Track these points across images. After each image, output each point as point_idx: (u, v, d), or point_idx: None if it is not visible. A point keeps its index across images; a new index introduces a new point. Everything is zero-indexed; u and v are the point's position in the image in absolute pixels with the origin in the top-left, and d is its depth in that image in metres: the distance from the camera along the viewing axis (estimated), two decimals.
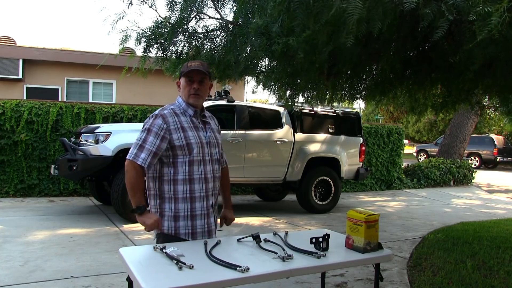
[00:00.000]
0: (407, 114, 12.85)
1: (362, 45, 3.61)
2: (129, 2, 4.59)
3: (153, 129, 2.18)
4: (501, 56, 3.38)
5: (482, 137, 21.33)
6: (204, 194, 2.26)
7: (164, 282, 1.59)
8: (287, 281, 3.52)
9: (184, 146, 2.20)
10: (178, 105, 2.31)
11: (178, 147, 2.19)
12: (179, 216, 2.22)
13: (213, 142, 2.34)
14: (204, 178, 2.26)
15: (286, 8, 3.06)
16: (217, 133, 2.44)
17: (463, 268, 4.16)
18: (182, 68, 2.32)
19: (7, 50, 11.94)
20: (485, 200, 10.23)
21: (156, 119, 2.20)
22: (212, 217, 2.33)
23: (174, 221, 2.22)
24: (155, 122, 2.19)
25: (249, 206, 8.15)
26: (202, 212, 2.25)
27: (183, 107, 2.29)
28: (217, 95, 7.13)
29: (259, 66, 5.13)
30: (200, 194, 2.25)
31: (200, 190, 2.25)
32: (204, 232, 2.26)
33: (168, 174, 2.22)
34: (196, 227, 2.24)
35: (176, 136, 2.19)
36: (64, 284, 3.51)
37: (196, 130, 2.27)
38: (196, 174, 2.23)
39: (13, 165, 7.71)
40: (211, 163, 2.31)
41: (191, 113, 2.29)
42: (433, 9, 2.59)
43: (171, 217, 2.22)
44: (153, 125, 2.19)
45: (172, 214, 2.22)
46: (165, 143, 2.18)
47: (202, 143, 2.26)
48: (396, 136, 11.23)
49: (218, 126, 2.52)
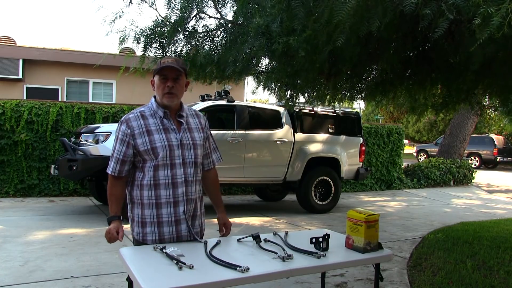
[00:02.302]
0: (407, 114, 12.82)
1: (362, 45, 3.61)
2: (129, 1, 4.59)
3: (119, 136, 2.15)
4: (501, 56, 3.38)
5: (482, 137, 21.32)
6: (172, 200, 2.14)
7: (164, 282, 1.59)
8: (287, 281, 3.52)
9: (149, 151, 2.11)
10: (150, 106, 2.21)
11: (143, 152, 2.12)
12: (146, 222, 2.15)
13: (187, 144, 2.18)
14: (172, 183, 2.14)
15: (286, 6, 3.06)
16: (196, 133, 2.25)
17: (463, 268, 4.16)
18: (155, 65, 2.22)
19: (7, 50, 11.95)
20: (485, 200, 10.23)
21: (121, 125, 2.16)
22: (185, 223, 2.17)
23: (142, 227, 2.16)
24: (121, 129, 2.16)
25: (249, 206, 8.15)
26: (169, 219, 2.14)
27: (153, 109, 2.19)
28: (217, 95, 7.13)
29: (259, 66, 5.13)
30: (167, 200, 2.14)
31: (166, 195, 2.13)
32: (172, 239, 2.15)
33: (137, 179, 2.17)
34: (163, 233, 2.14)
35: (140, 140, 2.12)
36: (64, 284, 3.51)
37: (166, 132, 2.15)
38: (162, 179, 2.13)
39: (13, 165, 7.71)
40: (182, 167, 2.16)
41: (161, 115, 2.17)
42: (433, 9, 2.59)
43: (139, 223, 2.17)
44: (119, 132, 2.16)
45: (139, 220, 2.17)
46: (130, 148, 2.13)
47: (171, 146, 2.13)
48: (396, 136, 11.23)
49: (204, 124, 2.34)
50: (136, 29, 4.71)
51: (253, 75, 5.48)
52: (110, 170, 2.16)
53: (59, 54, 12.54)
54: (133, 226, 2.22)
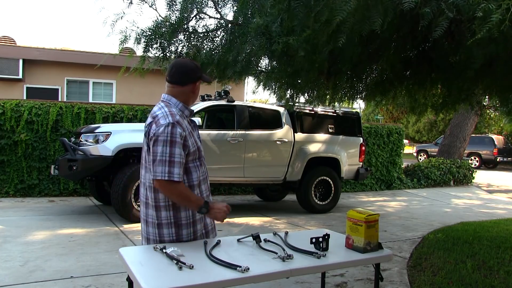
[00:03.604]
0: (407, 114, 12.83)
1: (363, 45, 3.61)
2: (129, 2, 4.59)
3: (177, 140, 2.04)
4: (501, 56, 3.38)
5: (482, 137, 21.32)
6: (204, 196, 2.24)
7: (164, 282, 1.59)
8: (287, 281, 3.52)
9: (196, 151, 2.17)
10: (176, 106, 2.17)
11: (192, 152, 2.14)
12: (181, 224, 2.14)
13: None
14: (204, 179, 2.27)
15: (286, 6, 3.07)
16: None
17: (463, 268, 4.16)
18: (197, 72, 2.22)
19: (7, 50, 11.94)
20: (485, 200, 10.23)
21: (174, 128, 2.04)
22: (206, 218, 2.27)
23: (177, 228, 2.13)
24: (176, 132, 2.04)
25: (249, 206, 8.15)
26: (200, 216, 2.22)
27: (180, 108, 2.17)
28: (217, 95, 7.13)
29: (259, 66, 5.13)
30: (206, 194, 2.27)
31: (205, 190, 2.27)
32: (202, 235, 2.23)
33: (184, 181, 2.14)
34: (196, 232, 2.19)
35: (190, 141, 2.13)
36: (64, 284, 3.51)
37: (194, 132, 2.24)
38: (202, 176, 2.23)
39: (13, 165, 7.71)
40: (205, 164, 2.32)
41: (187, 114, 2.22)
42: (432, 8, 2.59)
43: (171, 224, 2.12)
44: (176, 135, 2.04)
45: (172, 221, 2.13)
46: (185, 151, 2.10)
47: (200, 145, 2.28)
48: (396, 136, 11.23)
49: None
50: (137, 30, 4.71)
51: (253, 75, 5.48)
52: (177, 177, 2.02)
53: (59, 54, 12.54)
54: (160, 231, 2.13)
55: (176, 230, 2.13)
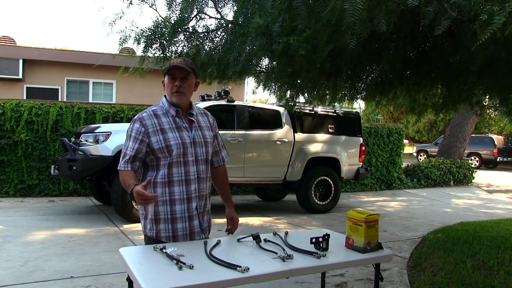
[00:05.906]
0: (407, 114, 12.84)
1: (363, 45, 3.61)
2: (129, 2, 4.59)
3: (132, 134, 2.19)
4: (501, 56, 3.38)
5: (482, 137, 21.32)
6: (185, 197, 2.20)
7: (164, 282, 1.58)
8: (287, 281, 3.52)
9: (163, 149, 2.16)
10: (161, 105, 2.27)
11: (157, 150, 2.16)
12: (160, 219, 2.19)
13: (199, 142, 2.26)
14: (185, 180, 2.20)
15: (287, 6, 3.06)
16: (207, 131, 2.33)
17: (463, 268, 4.16)
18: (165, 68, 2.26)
19: (7, 50, 11.95)
20: (485, 200, 10.23)
21: (134, 123, 2.20)
22: (197, 219, 2.24)
23: (155, 223, 2.20)
24: (134, 127, 2.19)
25: (249, 206, 8.15)
26: (182, 215, 2.20)
27: (165, 108, 2.25)
28: (217, 95, 7.13)
29: (259, 66, 5.13)
30: (181, 196, 2.19)
31: (180, 192, 2.19)
32: (185, 235, 2.21)
33: (150, 177, 2.19)
34: (176, 230, 2.19)
35: (154, 139, 2.17)
36: (64, 284, 3.51)
37: (179, 130, 2.21)
38: (176, 176, 2.19)
39: (13, 165, 7.71)
40: (195, 164, 2.23)
41: (173, 113, 2.23)
42: (434, 8, 2.59)
43: (152, 220, 2.21)
44: (132, 130, 2.20)
45: (153, 217, 2.20)
46: (143, 146, 2.17)
47: (185, 144, 2.20)
48: (396, 136, 11.23)
49: (212, 122, 2.41)
50: (137, 30, 4.71)
51: (253, 75, 5.48)
52: (122, 166, 2.17)
53: (59, 54, 12.54)
54: (146, 224, 2.25)
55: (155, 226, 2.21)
